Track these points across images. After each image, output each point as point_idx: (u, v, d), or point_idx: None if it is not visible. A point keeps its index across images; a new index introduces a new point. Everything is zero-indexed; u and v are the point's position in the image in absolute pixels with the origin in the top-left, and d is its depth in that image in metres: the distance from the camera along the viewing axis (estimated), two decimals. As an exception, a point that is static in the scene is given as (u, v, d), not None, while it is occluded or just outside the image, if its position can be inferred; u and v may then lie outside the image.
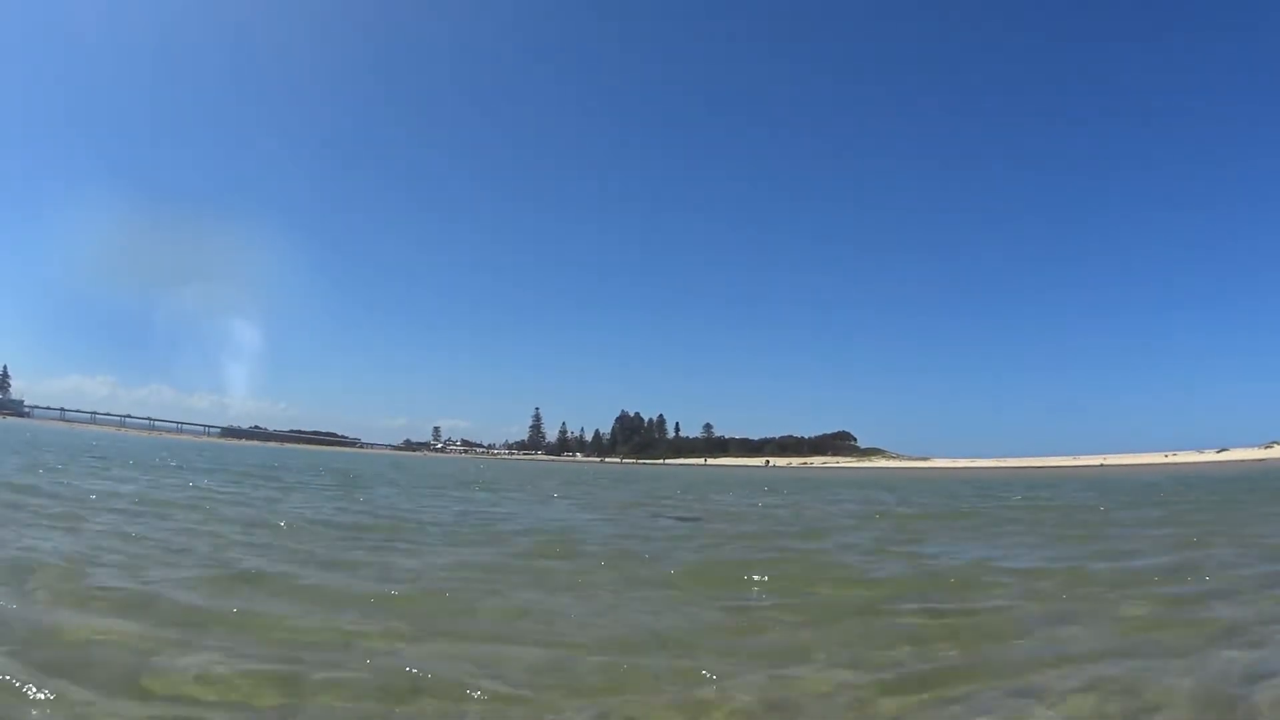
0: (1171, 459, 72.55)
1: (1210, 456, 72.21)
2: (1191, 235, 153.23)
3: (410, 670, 4.17)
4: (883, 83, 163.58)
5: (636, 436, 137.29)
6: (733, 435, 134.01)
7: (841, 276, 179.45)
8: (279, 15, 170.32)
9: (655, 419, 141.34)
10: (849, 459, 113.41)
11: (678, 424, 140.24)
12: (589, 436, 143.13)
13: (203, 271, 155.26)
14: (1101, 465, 71.25)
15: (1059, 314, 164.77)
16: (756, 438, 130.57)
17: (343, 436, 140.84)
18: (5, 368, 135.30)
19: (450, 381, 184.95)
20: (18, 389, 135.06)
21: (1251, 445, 73.03)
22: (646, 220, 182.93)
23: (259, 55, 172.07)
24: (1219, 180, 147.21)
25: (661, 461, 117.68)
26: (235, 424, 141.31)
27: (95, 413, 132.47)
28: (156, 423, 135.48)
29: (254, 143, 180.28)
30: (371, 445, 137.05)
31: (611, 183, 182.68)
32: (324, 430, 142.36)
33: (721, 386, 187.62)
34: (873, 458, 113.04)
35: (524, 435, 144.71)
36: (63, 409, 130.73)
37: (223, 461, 34.14)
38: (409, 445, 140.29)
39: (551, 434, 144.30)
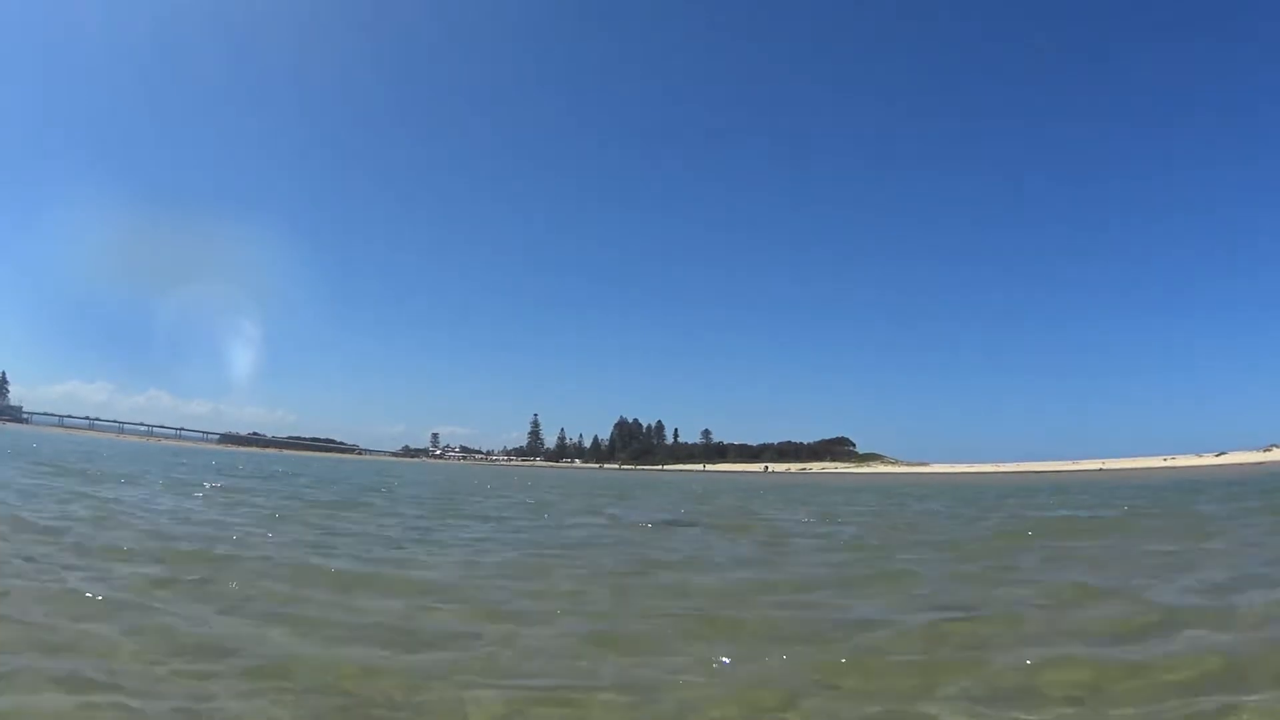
0: (1171, 462, 72.42)
1: (1210, 460, 72.07)
2: (1188, 238, 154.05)
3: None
4: (880, 88, 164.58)
5: (635, 442, 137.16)
6: (731, 441, 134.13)
7: (839, 282, 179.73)
8: (279, 15, 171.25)
9: (654, 425, 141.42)
10: (848, 464, 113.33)
11: (676, 430, 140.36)
12: (587, 443, 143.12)
13: (201, 277, 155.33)
14: (1101, 469, 71.17)
15: (1054, 319, 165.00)
16: (755, 443, 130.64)
17: (341, 443, 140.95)
18: (3, 374, 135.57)
19: (449, 388, 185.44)
20: (16, 395, 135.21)
21: (1250, 448, 73.04)
22: (645, 226, 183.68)
23: (260, 59, 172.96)
24: (1218, 183, 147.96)
25: (660, 467, 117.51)
26: (234, 430, 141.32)
27: (93, 419, 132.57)
28: (155, 429, 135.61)
29: (253, 147, 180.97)
30: (370, 451, 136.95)
31: (610, 189, 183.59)
32: (322, 437, 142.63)
33: (720, 392, 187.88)
34: (871, 463, 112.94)
35: (523, 441, 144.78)
36: (61, 415, 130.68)
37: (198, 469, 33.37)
38: (407, 451, 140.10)
39: (550, 440, 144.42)
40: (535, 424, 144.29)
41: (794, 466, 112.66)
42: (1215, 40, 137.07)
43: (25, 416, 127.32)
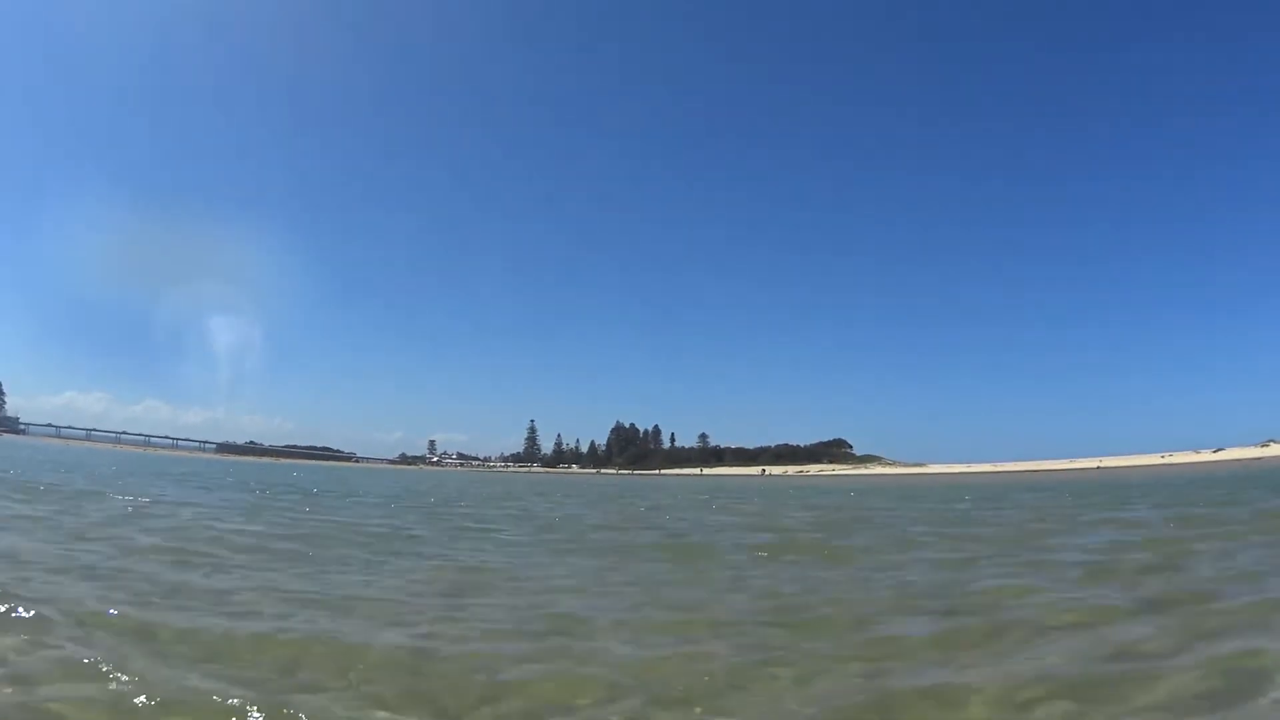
0: (1168, 459, 71.93)
1: (1207, 456, 71.61)
2: (1184, 238, 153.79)
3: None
4: (875, 91, 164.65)
5: (632, 447, 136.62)
6: (728, 445, 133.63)
7: (834, 285, 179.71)
8: (279, 16, 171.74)
9: (651, 430, 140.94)
10: (845, 466, 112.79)
11: (673, 434, 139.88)
12: (584, 448, 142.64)
13: (198, 287, 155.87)
14: (1098, 467, 70.73)
15: (1050, 318, 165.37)
16: (752, 447, 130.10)
17: (338, 451, 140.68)
18: (0, 384, 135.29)
19: (446, 395, 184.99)
20: (13, 406, 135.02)
21: (1247, 445, 72.57)
22: (641, 231, 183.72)
23: (261, 66, 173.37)
24: (1212, 182, 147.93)
25: (658, 472, 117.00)
26: (231, 439, 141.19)
27: (91, 430, 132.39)
28: (152, 439, 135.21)
29: (251, 158, 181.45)
30: (367, 459, 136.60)
31: (606, 194, 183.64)
32: (319, 445, 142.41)
33: (716, 396, 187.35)
34: (869, 465, 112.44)
35: (520, 447, 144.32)
36: (58, 426, 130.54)
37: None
38: (405, 459, 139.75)
39: (547, 446, 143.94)
40: (532, 430, 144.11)
41: (791, 469, 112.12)
42: (1216, 40, 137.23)
43: (22, 428, 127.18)
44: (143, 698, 3.82)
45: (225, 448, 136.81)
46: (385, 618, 5.86)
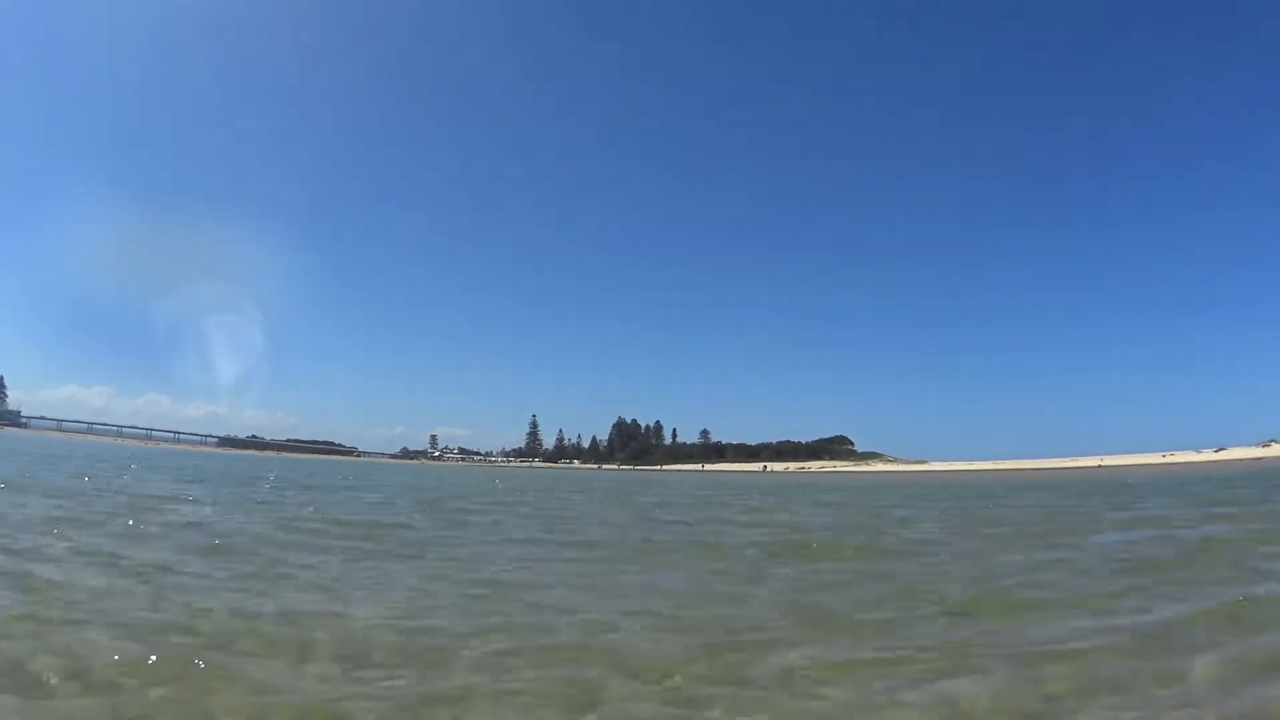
0: (1170, 459, 71.73)
1: (1209, 456, 71.37)
2: (1186, 237, 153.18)
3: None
4: (874, 91, 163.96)
5: (634, 443, 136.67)
6: (730, 441, 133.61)
7: (836, 282, 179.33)
8: (280, 17, 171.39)
9: (652, 425, 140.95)
10: (847, 463, 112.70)
11: (675, 430, 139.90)
12: (586, 443, 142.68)
13: (200, 281, 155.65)
14: (1099, 466, 70.56)
15: (1051, 317, 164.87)
16: (754, 443, 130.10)
17: (339, 445, 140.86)
18: (1, 378, 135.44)
19: (447, 390, 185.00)
20: (14, 399, 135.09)
21: (1249, 444, 72.27)
22: (643, 229, 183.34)
23: (262, 62, 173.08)
24: (1213, 182, 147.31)
25: (659, 468, 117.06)
26: (232, 433, 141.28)
27: (92, 423, 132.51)
28: (154, 433, 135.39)
29: (251, 151, 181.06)
30: (369, 454, 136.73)
31: (609, 192, 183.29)
32: (321, 439, 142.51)
33: (718, 393, 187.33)
34: (870, 462, 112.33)
35: (521, 442, 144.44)
36: (59, 419, 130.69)
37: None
38: (406, 453, 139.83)
39: (549, 441, 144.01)
40: (534, 425, 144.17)
41: (792, 466, 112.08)
42: (1216, 40, 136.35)
43: (24, 421, 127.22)
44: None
45: (226, 441, 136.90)
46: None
